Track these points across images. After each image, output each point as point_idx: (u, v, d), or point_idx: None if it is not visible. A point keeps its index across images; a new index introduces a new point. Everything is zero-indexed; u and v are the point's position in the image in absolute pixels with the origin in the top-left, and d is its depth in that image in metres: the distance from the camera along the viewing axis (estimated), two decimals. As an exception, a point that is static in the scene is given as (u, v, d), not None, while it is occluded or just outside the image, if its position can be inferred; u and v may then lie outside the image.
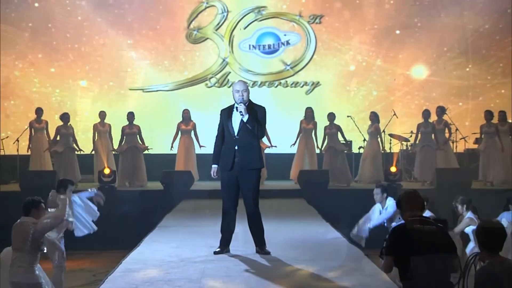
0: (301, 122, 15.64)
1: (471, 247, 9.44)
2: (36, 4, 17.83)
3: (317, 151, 15.83)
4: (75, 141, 15.38)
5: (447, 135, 15.76)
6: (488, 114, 15.34)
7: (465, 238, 10.13)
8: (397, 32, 17.97)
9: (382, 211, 10.16)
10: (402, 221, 6.25)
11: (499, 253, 5.18)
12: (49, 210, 8.38)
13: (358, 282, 6.70)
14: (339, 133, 15.48)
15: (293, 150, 15.78)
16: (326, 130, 15.41)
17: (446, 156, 15.34)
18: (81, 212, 9.70)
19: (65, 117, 15.40)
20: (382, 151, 15.84)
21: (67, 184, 9.57)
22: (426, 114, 15.44)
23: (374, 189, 10.43)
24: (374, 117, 15.63)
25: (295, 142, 15.64)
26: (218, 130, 7.96)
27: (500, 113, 15.38)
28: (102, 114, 15.75)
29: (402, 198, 5.98)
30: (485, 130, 15.21)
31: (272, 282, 6.68)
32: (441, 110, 15.52)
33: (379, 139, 15.72)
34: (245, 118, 7.69)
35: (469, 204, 10.10)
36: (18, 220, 7.46)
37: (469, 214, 9.99)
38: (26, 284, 7.23)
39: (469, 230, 10.11)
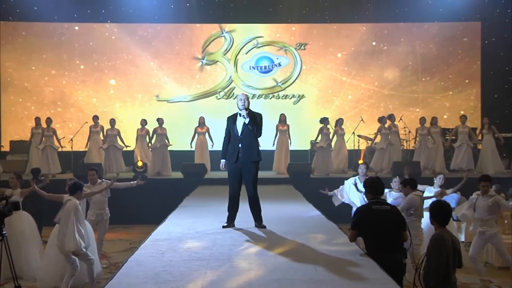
0: (277, 126, 15.43)
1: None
2: (88, 37, 17.84)
3: (294, 146, 15.77)
4: (122, 140, 15.33)
5: (402, 136, 15.80)
6: (422, 120, 15.32)
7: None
8: (364, 56, 17.93)
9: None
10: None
11: (445, 226, 5.43)
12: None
13: (333, 249, 6.74)
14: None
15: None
16: (324, 130, 15.16)
17: (396, 150, 15.33)
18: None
19: (112, 121, 15.42)
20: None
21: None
22: (383, 119, 15.28)
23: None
24: (339, 123, 15.50)
25: (274, 142, 15.38)
26: (225, 132, 7.98)
27: (433, 118, 15.40)
28: (143, 122, 15.70)
29: (366, 183, 6.18)
30: (419, 132, 15.22)
31: (267, 250, 6.72)
32: (391, 117, 15.52)
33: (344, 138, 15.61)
34: (247, 121, 7.72)
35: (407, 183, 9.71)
36: (66, 197, 7.42)
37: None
38: (70, 245, 7.27)
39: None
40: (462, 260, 5.56)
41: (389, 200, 9.08)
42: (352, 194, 10.14)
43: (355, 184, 10.05)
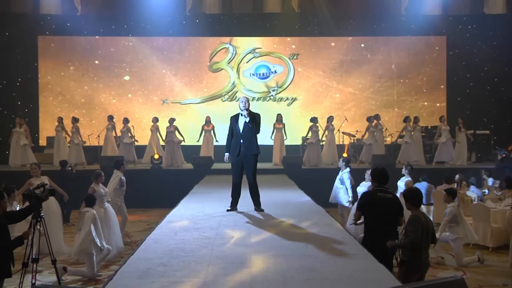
0: (274, 124, 15.33)
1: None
2: (112, 49, 17.79)
3: (288, 142, 15.72)
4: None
5: (385, 133, 15.75)
6: (406, 119, 15.27)
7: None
8: (348, 64, 17.84)
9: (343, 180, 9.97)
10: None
11: (419, 208, 5.61)
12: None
13: (321, 229, 6.74)
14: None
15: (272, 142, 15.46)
16: (313, 128, 15.02)
17: (380, 146, 15.30)
18: None
19: (126, 120, 15.37)
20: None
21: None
22: (371, 119, 15.24)
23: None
24: (330, 120, 15.46)
25: (272, 135, 15.29)
26: (228, 129, 7.95)
27: (415, 118, 15.36)
28: (155, 119, 15.66)
29: (374, 173, 6.09)
30: (406, 130, 15.08)
31: (265, 230, 6.72)
32: (377, 117, 15.48)
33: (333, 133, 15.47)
34: (247, 120, 7.70)
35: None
36: (85, 209, 7.58)
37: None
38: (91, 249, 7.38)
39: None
40: (436, 238, 5.71)
41: (361, 189, 9.03)
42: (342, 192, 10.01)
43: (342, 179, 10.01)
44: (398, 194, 9.76)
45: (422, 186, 10.43)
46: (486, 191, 11.40)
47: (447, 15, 17.81)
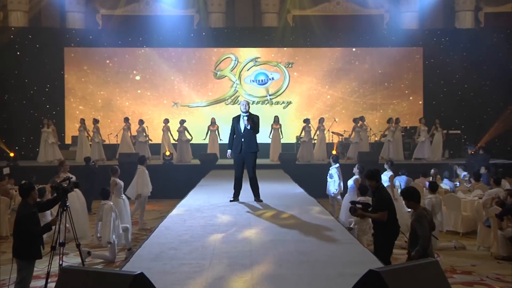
0: (272, 125, 15.29)
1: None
2: (128, 58, 17.73)
3: (284, 140, 15.63)
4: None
5: (369, 132, 15.75)
6: (389, 120, 15.28)
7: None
8: (337, 72, 17.73)
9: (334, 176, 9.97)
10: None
11: (419, 203, 5.28)
12: None
13: (313, 217, 6.77)
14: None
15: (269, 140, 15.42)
16: (306, 128, 14.97)
17: (365, 144, 15.29)
18: None
19: (141, 122, 15.36)
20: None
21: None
22: (357, 120, 15.21)
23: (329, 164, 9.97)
24: (321, 121, 15.49)
25: (270, 134, 15.24)
26: (231, 129, 7.92)
27: (396, 119, 15.33)
28: (166, 120, 15.63)
29: (369, 174, 5.67)
30: (389, 130, 15.06)
31: (263, 218, 6.75)
32: (362, 118, 15.46)
33: (324, 132, 15.47)
34: (247, 122, 7.70)
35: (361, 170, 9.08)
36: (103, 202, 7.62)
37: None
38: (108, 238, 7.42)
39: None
40: (435, 225, 5.47)
41: (350, 183, 9.00)
42: (332, 184, 9.97)
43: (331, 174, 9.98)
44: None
45: (401, 179, 10.44)
46: (458, 183, 11.42)
47: (423, 29, 17.83)
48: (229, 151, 7.97)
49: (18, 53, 17.02)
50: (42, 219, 6.07)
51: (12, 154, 14.68)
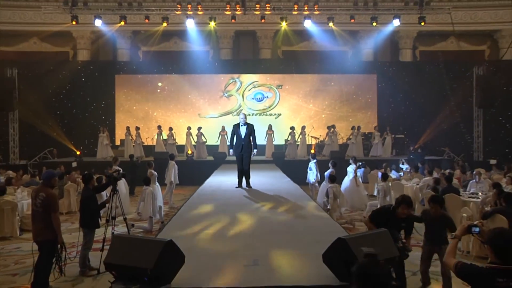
0: (267, 131, 15.19)
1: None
2: (160, 80, 17.67)
3: (276, 142, 15.52)
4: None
5: (338, 136, 15.71)
6: (353, 127, 15.32)
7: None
8: (315, 92, 17.63)
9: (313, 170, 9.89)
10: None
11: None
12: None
13: (296, 199, 6.75)
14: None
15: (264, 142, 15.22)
16: (292, 133, 14.98)
17: (335, 145, 15.24)
18: None
19: (170, 129, 15.35)
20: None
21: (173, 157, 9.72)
22: (329, 127, 15.30)
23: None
24: (303, 128, 15.44)
25: (265, 138, 15.06)
26: (231, 133, 7.85)
27: (358, 126, 15.33)
28: (188, 128, 15.58)
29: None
30: (353, 134, 15.11)
31: (260, 199, 6.71)
32: (333, 126, 15.42)
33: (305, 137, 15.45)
34: (245, 130, 7.66)
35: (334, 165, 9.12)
36: (145, 187, 7.58)
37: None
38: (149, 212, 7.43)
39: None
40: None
41: (326, 174, 8.86)
42: (311, 175, 9.95)
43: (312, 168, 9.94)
44: (347, 177, 9.78)
45: (361, 170, 10.45)
46: (402, 173, 11.45)
47: (377, 61, 17.88)
48: (231, 150, 7.90)
49: (83, 79, 17.07)
50: (99, 199, 6.09)
51: (78, 152, 14.81)
